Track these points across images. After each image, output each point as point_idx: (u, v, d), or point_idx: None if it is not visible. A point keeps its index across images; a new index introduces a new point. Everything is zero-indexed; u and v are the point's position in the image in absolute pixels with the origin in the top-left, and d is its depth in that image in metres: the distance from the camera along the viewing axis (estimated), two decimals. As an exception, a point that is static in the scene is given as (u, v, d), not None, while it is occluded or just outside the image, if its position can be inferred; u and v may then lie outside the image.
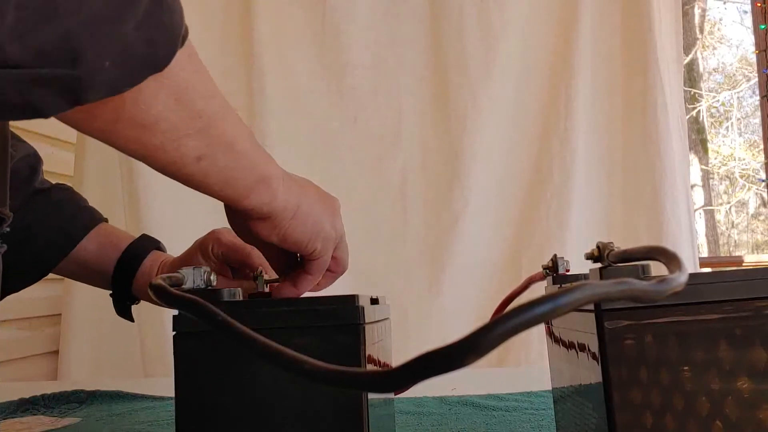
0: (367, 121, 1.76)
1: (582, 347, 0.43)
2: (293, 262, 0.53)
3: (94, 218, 0.75)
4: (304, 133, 1.72)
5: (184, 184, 0.41)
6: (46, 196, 0.73)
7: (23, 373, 1.55)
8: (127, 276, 0.71)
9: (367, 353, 0.42)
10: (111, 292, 0.73)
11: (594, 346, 0.40)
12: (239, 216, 0.47)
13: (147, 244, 0.74)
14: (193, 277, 0.43)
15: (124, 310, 0.74)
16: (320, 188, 0.53)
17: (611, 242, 0.43)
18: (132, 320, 0.75)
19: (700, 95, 7.22)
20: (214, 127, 0.39)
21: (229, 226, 0.51)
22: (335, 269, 0.56)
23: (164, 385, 0.50)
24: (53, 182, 0.75)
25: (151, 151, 0.36)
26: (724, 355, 0.38)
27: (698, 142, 7.19)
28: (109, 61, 0.28)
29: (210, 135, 0.39)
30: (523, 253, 1.73)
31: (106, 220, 0.77)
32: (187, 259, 0.69)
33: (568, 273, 0.54)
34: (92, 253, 0.72)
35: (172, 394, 0.42)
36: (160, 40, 0.31)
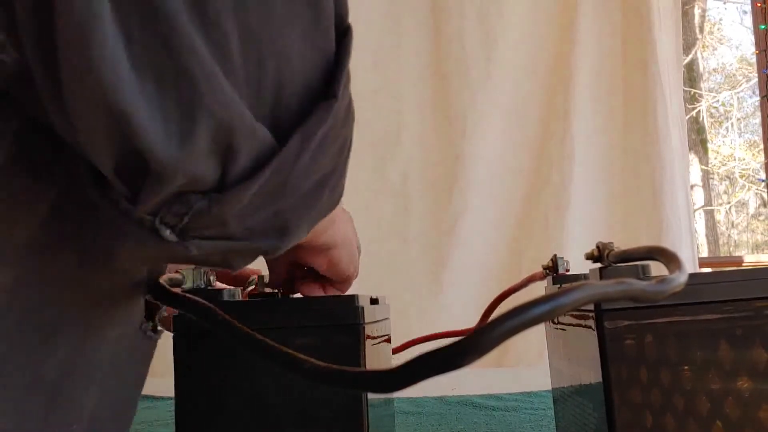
0: (368, 122, 1.76)
1: (582, 347, 0.44)
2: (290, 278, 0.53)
3: None
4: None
5: None
6: None
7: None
8: None
9: (366, 353, 0.42)
10: None
11: (594, 346, 0.40)
12: (297, 247, 0.47)
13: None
14: (193, 277, 0.43)
15: None
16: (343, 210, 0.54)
17: (611, 242, 0.43)
18: None
19: (700, 95, 7.22)
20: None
21: None
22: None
23: (164, 385, 0.50)
24: None
25: None
26: (724, 355, 0.38)
27: (698, 142, 7.19)
28: (306, 227, 0.30)
29: None
30: (523, 253, 1.73)
31: None
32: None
33: (568, 273, 0.54)
34: None
35: (172, 393, 0.43)
36: (339, 193, 0.33)
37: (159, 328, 0.37)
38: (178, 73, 0.21)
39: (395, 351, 0.59)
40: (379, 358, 0.48)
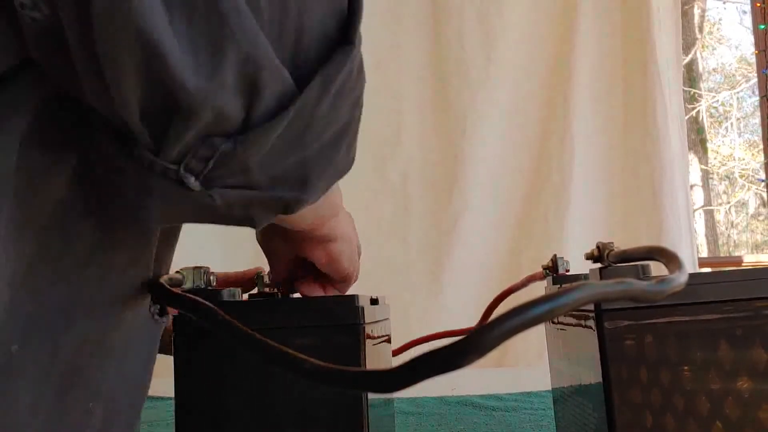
0: (368, 122, 1.75)
1: (582, 347, 0.44)
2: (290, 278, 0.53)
3: None
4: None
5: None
6: None
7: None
8: None
9: (367, 353, 0.42)
10: None
11: (594, 346, 0.40)
12: (297, 238, 0.47)
13: None
14: (193, 277, 0.43)
15: None
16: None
17: (611, 242, 0.43)
18: None
19: (700, 95, 7.22)
20: None
21: None
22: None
23: (164, 384, 0.50)
24: None
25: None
26: (724, 355, 0.38)
27: (698, 142, 7.18)
28: (324, 182, 0.30)
29: None
30: (523, 253, 1.73)
31: None
32: None
33: (568, 273, 0.54)
34: None
35: (172, 394, 0.43)
36: (354, 153, 0.34)
37: (166, 312, 0.37)
38: (209, 6, 0.22)
39: (395, 353, 0.59)
40: (379, 358, 0.48)
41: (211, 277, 0.44)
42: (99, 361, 0.31)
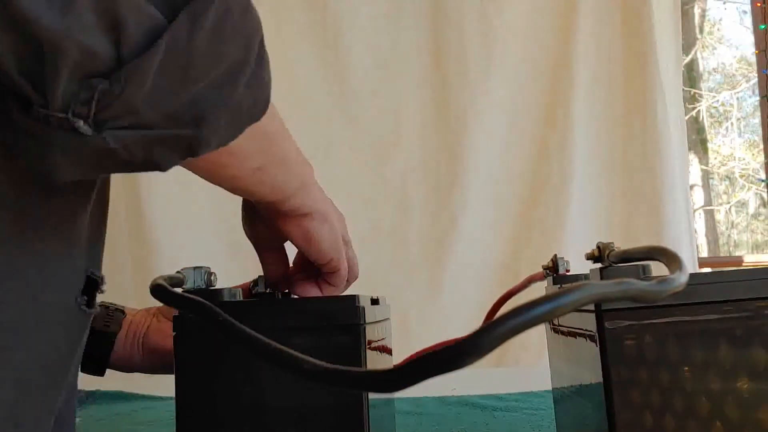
0: (368, 122, 1.76)
1: (582, 347, 0.44)
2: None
3: None
4: (305, 134, 1.71)
5: (232, 191, 0.42)
6: None
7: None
8: (104, 348, 0.67)
9: (367, 354, 0.42)
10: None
11: (594, 347, 0.40)
12: (271, 215, 0.47)
13: (110, 333, 0.68)
14: (193, 277, 0.43)
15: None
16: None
17: (611, 242, 0.43)
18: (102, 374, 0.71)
19: (700, 95, 7.21)
20: (274, 142, 0.41)
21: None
22: (350, 278, 0.56)
23: (165, 384, 0.50)
24: None
25: (217, 168, 0.38)
26: (724, 355, 0.38)
27: (698, 142, 7.18)
28: (224, 120, 0.31)
29: (270, 150, 0.40)
30: (522, 253, 1.73)
31: None
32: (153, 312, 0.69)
33: (568, 273, 0.54)
34: None
35: (173, 393, 0.43)
36: (261, 95, 0.34)
37: (95, 303, 0.38)
38: None
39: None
40: (379, 358, 0.48)
41: (212, 277, 0.44)
42: (7, 337, 0.32)
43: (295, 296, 0.51)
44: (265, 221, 0.49)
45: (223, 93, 0.30)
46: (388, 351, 0.55)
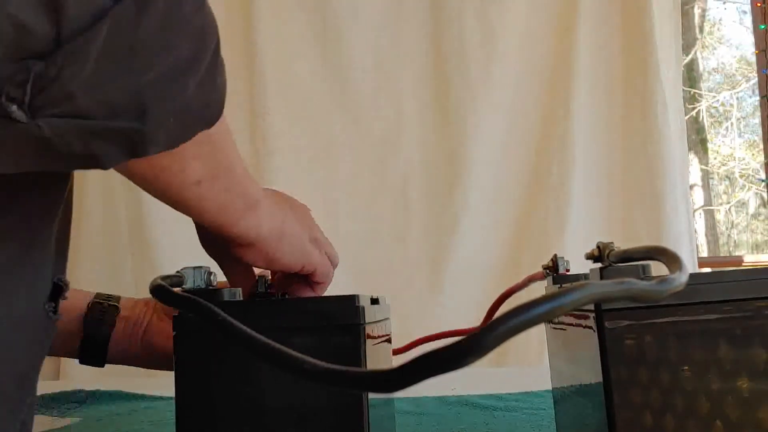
0: (368, 122, 1.76)
1: (582, 347, 0.44)
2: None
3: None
4: (305, 134, 1.72)
5: (177, 208, 0.40)
6: None
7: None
8: (101, 336, 0.67)
9: (367, 353, 0.42)
10: (79, 357, 0.69)
11: (594, 346, 0.40)
12: (222, 242, 0.45)
13: (107, 317, 0.68)
14: (193, 277, 0.43)
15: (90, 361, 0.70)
16: (291, 198, 0.52)
17: (612, 242, 0.43)
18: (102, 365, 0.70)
19: (700, 95, 7.22)
20: (220, 150, 0.38)
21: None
22: (333, 264, 0.56)
23: (165, 384, 0.50)
24: None
25: (158, 171, 0.35)
26: (725, 355, 0.38)
27: (698, 142, 7.19)
28: (172, 118, 0.29)
29: (215, 159, 0.38)
30: (523, 253, 1.73)
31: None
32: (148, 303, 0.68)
33: (568, 273, 0.54)
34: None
35: (172, 393, 0.43)
36: (214, 99, 0.32)
37: (59, 310, 0.37)
38: None
39: (397, 352, 0.59)
40: (379, 358, 0.48)
41: (212, 278, 0.44)
42: None
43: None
44: (221, 244, 0.47)
45: (171, 88, 0.28)
46: (389, 351, 0.55)
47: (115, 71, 0.26)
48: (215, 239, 0.46)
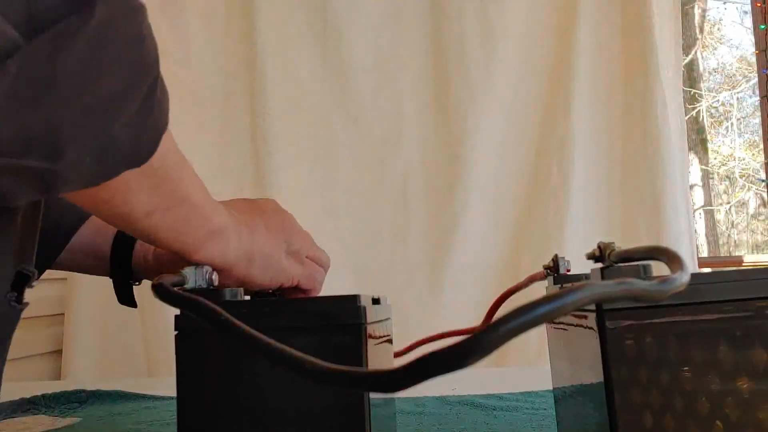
0: (369, 122, 1.76)
1: (583, 347, 0.44)
2: None
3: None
4: (305, 134, 1.72)
5: (132, 233, 0.40)
6: None
7: (24, 372, 1.56)
8: (126, 250, 0.67)
9: (368, 353, 0.42)
10: (110, 275, 0.71)
11: (595, 347, 0.40)
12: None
13: None
14: (195, 277, 0.43)
15: (126, 295, 0.72)
16: (267, 209, 0.51)
17: (613, 242, 0.43)
18: (135, 305, 0.72)
19: (700, 95, 7.22)
20: (168, 181, 0.37)
21: None
22: (324, 268, 0.56)
23: (166, 384, 0.50)
24: None
25: (99, 203, 0.35)
26: (726, 355, 0.38)
27: (698, 142, 7.19)
28: (90, 157, 0.28)
29: (163, 190, 0.37)
30: (523, 253, 1.73)
31: None
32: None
33: (569, 273, 0.54)
34: (89, 237, 0.68)
35: (173, 393, 0.43)
36: (145, 139, 0.31)
37: (24, 299, 0.37)
38: None
39: (398, 355, 0.59)
40: (381, 358, 0.48)
41: (214, 277, 0.44)
42: None
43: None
44: None
45: (91, 127, 0.27)
46: (390, 351, 0.55)
47: (29, 107, 0.25)
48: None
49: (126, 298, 0.71)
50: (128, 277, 0.69)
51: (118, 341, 1.62)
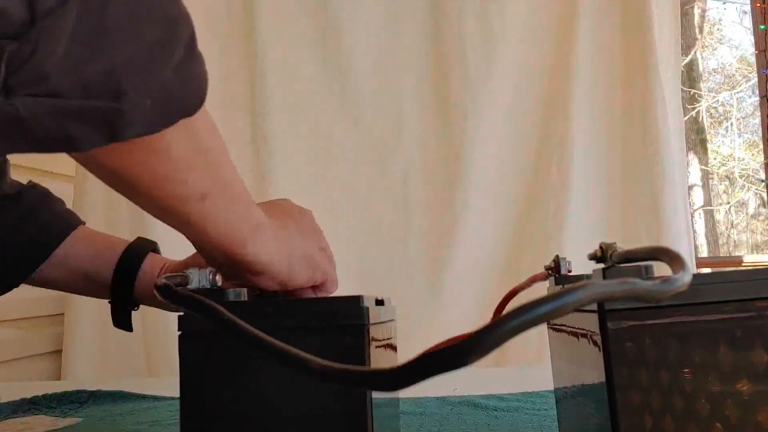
0: (369, 123, 1.76)
1: (585, 348, 0.44)
2: None
3: (69, 224, 0.69)
4: (306, 134, 1.72)
5: (177, 226, 0.40)
6: (15, 201, 0.67)
7: (24, 373, 1.56)
8: (128, 278, 0.68)
9: (371, 354, 0.42)
10: (110, 300, 0.69)
11: (596, 347, 0.40)
12: (234, 268, 0.45)
13: (144, 245, 0.71)
14: (198, 277, 0.43)
15: (123, 319, 0.70)
16: (291, 208, 0.52)
17: (614, 242, 0.43)
18: (131, 329, 0.70)
19: (700, 95, 7.22)
20: (218, 164, 0.38)
21: None
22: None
23: (167, 384, 0.50)
24: (35, 183, 0.71)
25: (158, 180, 0.36)
26: (729, 355, 0.38)
27: (698, 142, 7.19)
28: (150, 100, 0.29)
29: (215, 172, 0.38)
30: (523, 253, 1.73)
31: (83, 223, 0.72)
32: (191, 263, 0.68)
33: (570, 273, 0.54)
34: (88, 260, 0.68)
35: (174, 393, 0.43)
36: (193, 87, 0.32)
37: None
38: None
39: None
40: (384, 359, 0.48)
41: (217, 278, 0.45)
42: None
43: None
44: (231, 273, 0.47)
45: (145, 70, 0.29)
46: (393, 352, 0.55)
47: (88, 51, 0.26)
48: (231, 265, 0.45)
49: (122, 323, 0.70)
50: (128, 303, 0.69)
51: (118, 341, 1.62)
